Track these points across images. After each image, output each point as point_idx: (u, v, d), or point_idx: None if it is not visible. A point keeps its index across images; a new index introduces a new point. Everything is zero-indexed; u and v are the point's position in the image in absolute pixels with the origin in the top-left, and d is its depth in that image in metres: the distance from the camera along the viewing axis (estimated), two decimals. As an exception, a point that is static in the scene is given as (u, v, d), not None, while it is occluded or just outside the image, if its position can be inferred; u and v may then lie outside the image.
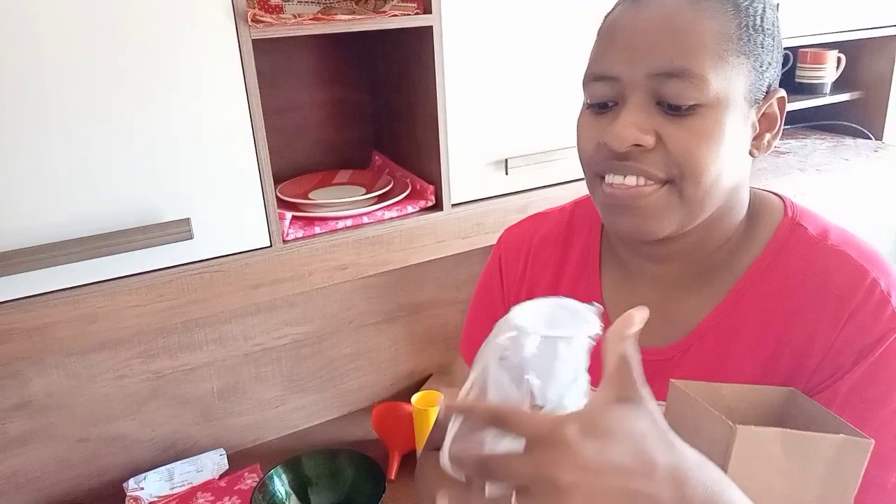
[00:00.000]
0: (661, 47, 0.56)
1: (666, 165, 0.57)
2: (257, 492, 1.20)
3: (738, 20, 0.57)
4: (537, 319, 0.45)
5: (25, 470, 1.25)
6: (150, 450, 1.36)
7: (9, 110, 0.80)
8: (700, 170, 0.57)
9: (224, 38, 0.88)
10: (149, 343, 1.29)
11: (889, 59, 1.73)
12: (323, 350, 1.48)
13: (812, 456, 0.51)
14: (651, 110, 0.57)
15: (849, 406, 0.57)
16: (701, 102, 0.56)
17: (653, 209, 0.59)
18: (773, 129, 0.62)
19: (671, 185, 0.58)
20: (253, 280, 1.01)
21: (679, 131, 0.56)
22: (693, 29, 0.55)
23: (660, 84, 0.56)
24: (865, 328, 0.57)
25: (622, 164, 0.59)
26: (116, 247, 0.88)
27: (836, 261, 0.60)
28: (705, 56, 0.55)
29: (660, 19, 0.56)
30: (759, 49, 0.58)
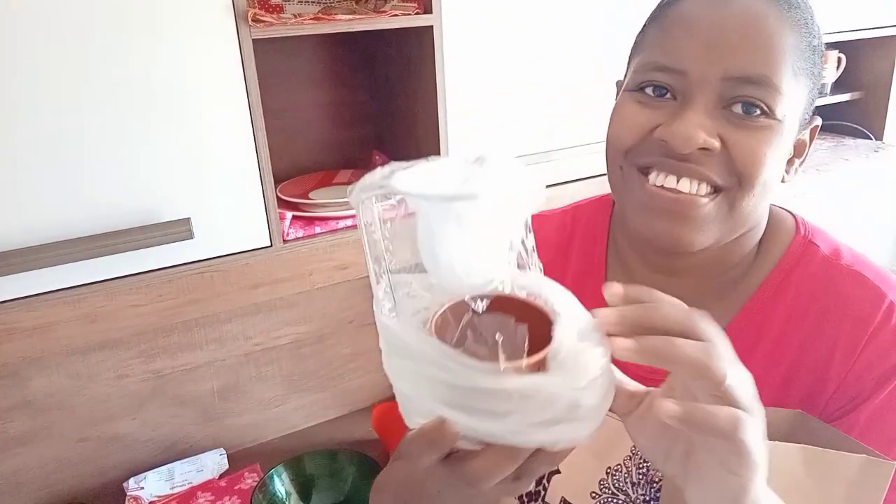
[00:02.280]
0: (744, 50, 0.53)
1: (725, 173, 0.55)
2: (257, 491, 1.20)
3: (809, 39, 0.55)
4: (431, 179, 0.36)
5: (25, 470, 1.25)
6: (150, 450, 1.36)
7: (9, 110, 0.80)
8: (759, 181, 0.55)
9: (224, 38, 0.88)
10: (149, 343, 1.29)
11: (889, 59, 1.73)
12: (323, 350, 1.48)
13: (833, 475, 0.50)
14: (717, 113, 0.54)
15: (869, 432, 0.55)
16: (771, 114, 0.54)
17: (701, 220, 0.56)
18: (801, 155, 0.61)
19: (725, 194, 0.56)
20: (253, 280, 1.01)
21: (746, 139, 0.54)
22: (778, 37, 0.53)
23: (734, 88, 0.53)
24: (885, 353, 0.56)
25: (680, 165, 0.55)
26: (116, 247, 0.88)
27: (851, 283, 0.59)
28: (785, 67, 0.53)
29: (745, 20, 0.53)
30: (818, 71, 0.57)
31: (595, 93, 1.19)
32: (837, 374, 0.57)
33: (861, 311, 0.57)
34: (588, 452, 0.64)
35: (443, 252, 0.37)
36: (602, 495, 0.64)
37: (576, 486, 0.64)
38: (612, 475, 0.64)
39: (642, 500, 0.64)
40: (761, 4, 0.54)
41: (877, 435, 0.55)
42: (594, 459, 0.65)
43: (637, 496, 0.64)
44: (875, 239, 1.90)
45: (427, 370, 0.36)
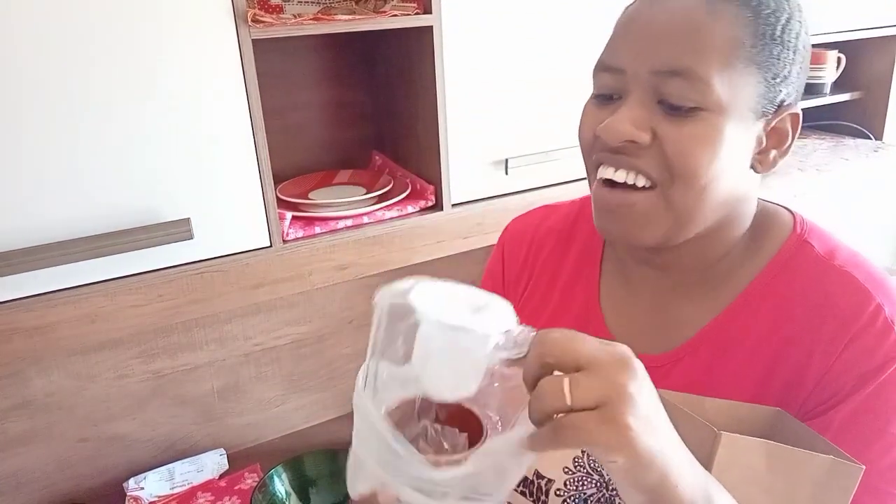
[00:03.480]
0: (668, 44, 0.55)
1: (658, 166, 0.56)
2: (257, 492, 1.20)
3: (754, 28, 0.55)
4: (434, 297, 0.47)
5: (25, 470, 1.25)
6: (150, 450, 1.36)
7: (9, 111, 0.80)
8: (692, 174, 0.55)
9: (224, 38, 0.88)
10: (149, 343, 1.29)
11: (889, 59, 1.73)
12: (323, 350, 1.48)
13: (798, 474, 0.50)
14: (651, 107, 0.56)
15: (845, 433, 0.55)
16: (702, 106, 0.54)
17: (638, 214, 0.58)
18: (781, 146, 0.60)
19: (660, 189, 0.57)
20: (253, 280, 1.01)
21: (676, 132, 0.55)
22: (704, 30, 0.54)
23: (662, 81, 0.55)
24: (866, 354, 0.56)
25: (616, 157, 0.58)
26: (117, 247, 0.88)
27: (840, 282, 0.59)
28: (712, 59, 0.54)
29: (673, 16, 0.55)
30: (774, 60, 0.56)
31: (595, 93, 1.19)
32: (817, 372, 0.57)
33: (846, 312, 0.57)
34: None
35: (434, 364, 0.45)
36: (576, 472, 0.65)
37: (551, 459, 0.65)
38: (587, 454, 0.64)
39: None
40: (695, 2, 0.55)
41: (852, 436, 0.55)
42: None
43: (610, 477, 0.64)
44: (875, 239, 1.90)
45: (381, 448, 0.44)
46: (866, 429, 0.55)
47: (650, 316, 0.67)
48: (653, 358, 0.64)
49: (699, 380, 0.62)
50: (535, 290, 0.77)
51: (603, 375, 0.41)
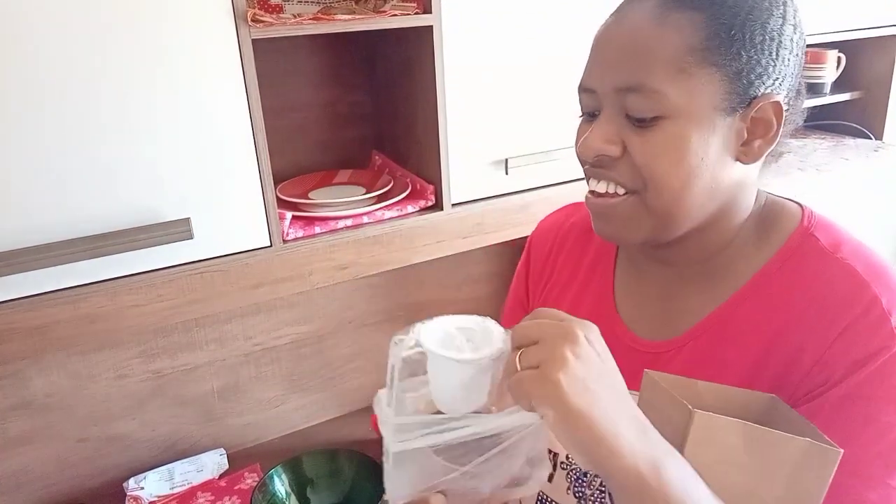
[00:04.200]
0: (623, 62, 0.58)
1: (632, 175, 0.60)
2: (257, 491, 1.20)
3: (707, 30, 0.56)
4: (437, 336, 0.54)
5: (25, 470, 1.25)
6: (150, 449, 1.36)
7: (9, 111, 0.80)
8: (662, 181, 0.59)
9: (224, 38, 0.88)
10: (149, 343, 1.29)
11: (889, 59, 1.73)
12: (323, 350, 1.48)
13: (775, 455, 0.51)
14: (620, 122, 0.60)
15: (835, 419, 0.56)
16: (661, 115, 0.57)
17: (621, 218, 0.62)
18: (766, 135, 0.60)
19: (637, 195, 0.61)
20: (253, 280, 1.01)
21: (642, 143, 0.58)
22: (653, 43, 0.57)
23: (623, 97, 0.58)
24: (860, 342, 0.56)
25: (594, 171, 0.63)
26: (117, 247, 0.88)
27: (840, 273, 0.59)
28: (663, 70, 0.56)
29: (626, 34, 0.59)
30: (735, 57, 0.57)
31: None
32: (810, 359, 0.58)
33: (842, 301, 0.58)
34: None
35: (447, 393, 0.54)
36: None
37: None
38: None
39: None
40: (643, 14, 0.58)
41: (841, 421, 0.56)
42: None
43: None
44: (875, 239, 1.90)
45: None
46: (856, 415, 0.56)
47: (657, 305, 0.70)
48: (658, 344, 0.68)
49: (698, 365, 0.64)
50: (557, 282, 0.81)
51: (548, 345, 0.48)
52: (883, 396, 0.56)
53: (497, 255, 1.60)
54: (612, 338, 0.70)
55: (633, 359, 0.67)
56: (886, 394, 0.56)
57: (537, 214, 1.22)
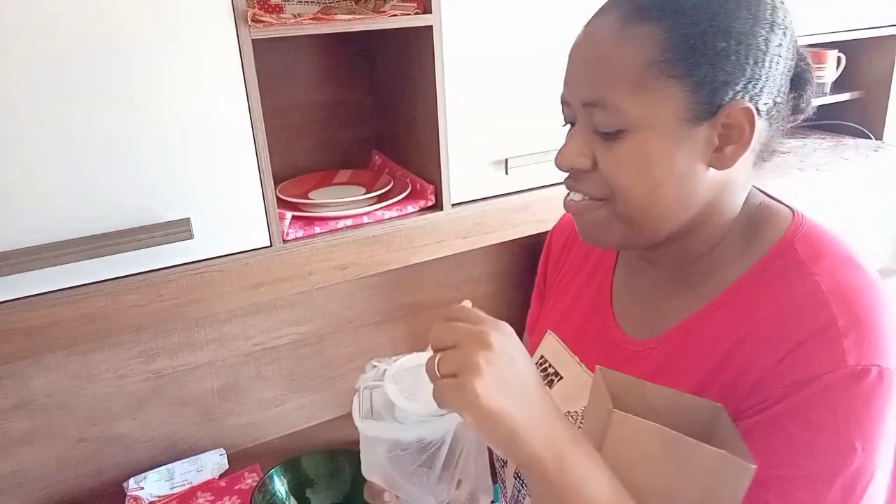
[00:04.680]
0: (586, 77, 0.60)
1: (601, 186, 0.62)
2: (257, 492, 1.20)
3: (667, 42, 0.56)
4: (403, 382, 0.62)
5: (25, 470, 1.25)
6: (150, 450, 1.36)
7: (8, 111, 0.80)
8: (627, 192, 0.60)
9: (224, 38, 0.88)
10: (149, 343, 1.29)
11: (889, 59, 1.73)
12: (323, 350, 1.48)
13: (691, 462, 0.52)
14: (590, 135, 0.61)
15: (769, 437, 0.55)
16: (623, 128, 0.58)
17: (594, 223, 0.65)
18: (738, 140, 0.59)
19: (607, 202, 0.63)
20: (253, 280, 1.01)
21: (608, 156, 0.60)
22: (611, 59, 0.58)
23: (589, 112, 0.60)
24: (806, 362, 0.55)
25: (569, 182, 0.66)
26: (116, 247, 0.88)
27: (804, 289, 0.58)
28: (621, 85, 0.57)
29: (590, 49, 0.61)
30: (695, 67, 0.56)
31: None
32: (757, 374, 0.57)
33: (798, 318, 0.57)
34: (559, 394, 0.75)
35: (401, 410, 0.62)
36: None
37: None
38: (569, 416, 0.71)
39: None
40: (605, 29, 0.59)
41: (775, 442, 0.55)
42: (561, 401, 0.74)
43: None
44: (875, 239, 1.90)
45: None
46: (790, 436, 0.55)
47: (644, 306, 0.72)
48: (637, 342, 0.70)
49: (664, 368, 0.65)
50: (567, 272, 0.85)
51: (462, 351, 0.51)
52: (820, 419, 0.54)
53: (497, 255, 1.60)
54: (603, 333, 0.74)
55: (615, 355, 0.71)
56: (824, 417, 0.54)
57: (537, 214, 1.23)
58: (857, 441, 0.53)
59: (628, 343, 0.70)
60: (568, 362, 0.76)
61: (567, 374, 0.76)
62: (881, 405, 0.54)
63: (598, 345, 0.74)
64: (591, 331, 0.76)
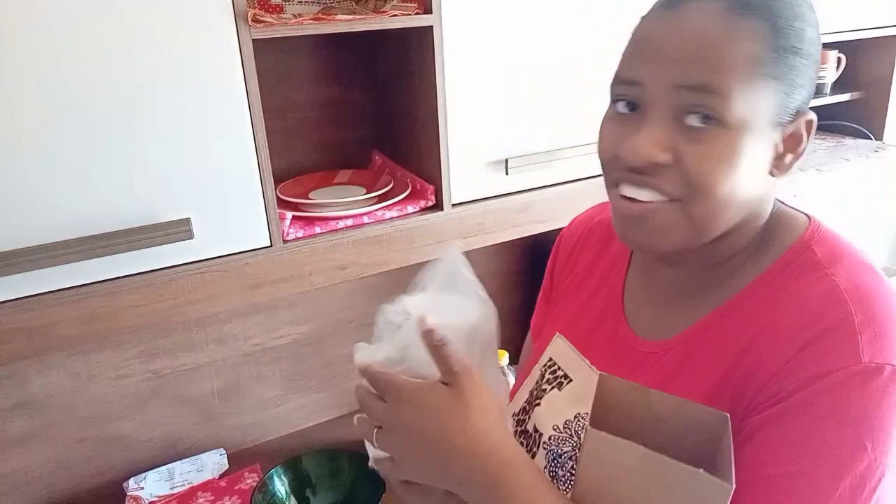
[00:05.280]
0: (689, 59, 0.55)
1: (679, 184, 0.57)
2: (257, 492, 1.20)
3: (773, 42, 0.55)
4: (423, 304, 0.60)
5: (25, 470, 1.25)
6: (150, 450, 1.36)
7: (8, 111, 0.80)
8: (710, 192, 0.57)
9: (224, 38, 0.88)
10: (149, 343, 1.29)
11: (889, 59, 1.73)
12: (323, 350, 1.48)
13: (670, 482, 0.51)
14: (671, 125, 0.57)
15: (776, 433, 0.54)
16: (721, 122, 0.55)
17: (660, 226, 0.60)
18: (796, 150, 0.60)
19: (680, 203, 0.58)
20: (253, 280, 1.01)
21: (695, 151, 0.56)
22: (725, 46, 0.54)
23: (682, 97, 0.55)
24: (820, 357, 0.54)
25: (637, 178, 0.59)
26: (116, 247, 0.88)
27: (822, 288, 0.57)
28: (733, 76, 0.54)
29: (693, 31, 0.55)
30: (792, 72, 0.56)
31: (597, 91, 1.19)
32: (769, 370, 0.56)
33: (814, 314, 0.56)
34: (568, 396, 0.74)
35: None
36: (561, 433, 0.72)
37: (546, 417, 0.74)
38: (577, 419, 0.71)
39: None
40: (710, 16, 0.55)
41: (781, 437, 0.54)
42: (570, 403, 0.72)
43: None
44: (875, 239, 1.90)
45: None
46: (798, 431, 0.54)
47: (659, 308, 0.70)
48: (649, 344, 0.69)
49: (677, 371, 0.64)
50: (577, 276, 0.83)
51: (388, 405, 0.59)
52: (829, 414, 0.53)
53: (497, 255, 1.60)
54: (614, 335, 0.73)
55: (627, 357, 0.70)
56: (834, 412, 0.53)
57: (538, 215, 1.23)
58: (867, 440, 0.52)
59: (640, 345, 0.69)
60: (578, 364, 0.75)
61: (577, 375, 0.75)
62: (894, 405, 0.53)
63: (610, 347, 0.73)
64: (602, 333, 0.75)
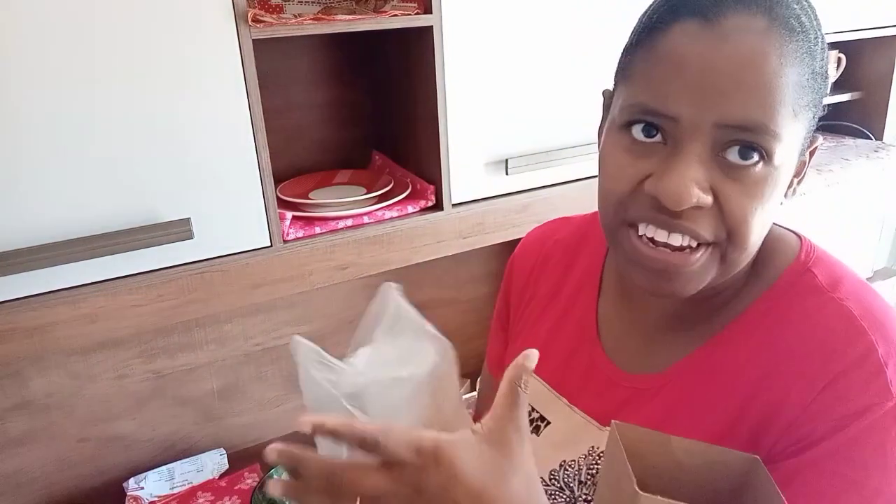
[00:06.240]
0: (739, 96, 0.48)
1: (717, 226, 0.51)
2: (257, 492, 1.20)
3: (811, 66, 0.50)
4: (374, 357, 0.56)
5: (25, 470, 1.25)
6: (150, 450, 1.36)
7: (8, 110, 0.80)
8: (748, 233, 0.51)
9: (224, 38, 0.88)
10: (149, 343, 1.29)
11: (889, 59, 1.73)
12: (323, 350, 1.48)
13: None
14: (709, 163, 0.50)
15: (816, 481, 0.50)
16: (766, 160, 0.50)
17: (691, 274, 0.53)
18: (800, 174, 0.56)
19: (715, 247, 0.53)
20: (253, 280, 1.01)
21: (736, 192, 0.50)
22: (776, 79, 0.48)
23: (727, 135, 0.49)
24: (849, 396, 0.50)
25: (671, 222, 0.51)
26: (116, 247, 0.88)
27: (834, 315, 0.53)
28: (784, 110, 0.48)
29: (741, 61, 0.48)
30: (819, 96, 0.52)
31: (597, 92, 1.19)
32: (793, 409, 0.52)
33: (834, 347, 0.52)
34: (549, 442, 0.66)
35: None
36: (549, 487, 0.65)
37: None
38: (564, 468, 0.64)
39: (584, 499, 0.63)
40: (758, 40, 0.48)
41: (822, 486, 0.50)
42: (552, 449, 0.66)
43: (580, 494, 0.63)
44: (875, 239, 1.90)
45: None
46: (840, 478, 0.50)
47: (646, 337, 0.65)
48: (639, 378, 0.63)
49: (679, 406, 0.59)
50: (538, 303, 0.75)
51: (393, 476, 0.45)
52: (870, 459, 0.50)
53: (497, 255, 1.60)
54: (592, 368, 0.67)
55: (613, 393, 0.63)
56: (874, 456, 0.50)
57: (538, 215, 1.23)
58: None
59: (628, 379, 0.63)
60: (554, 403, 0.68)
61: (554, 417, 0.67)
62: None
63: (589, 381, 0.66)
64: (578, 366, 0.68)
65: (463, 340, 1.62)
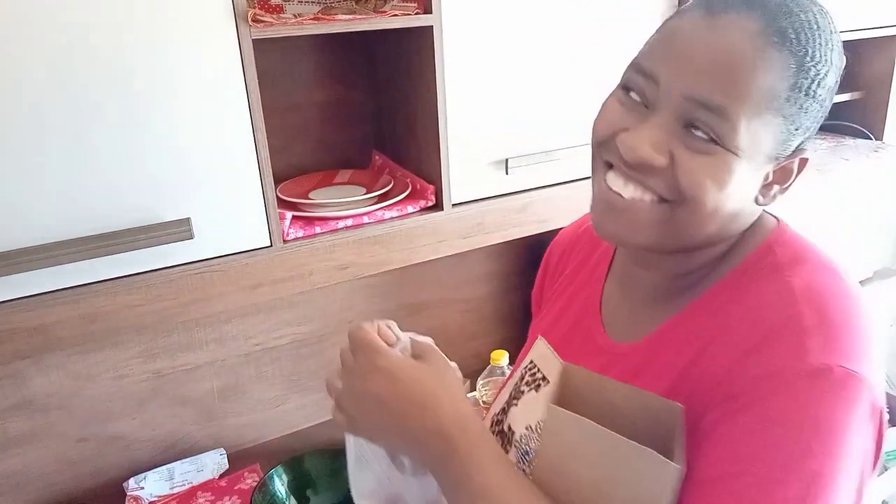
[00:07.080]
0: (709, 75, 0.54)
1: (669, 187, 0.57)
2: (257, 492, 1.20)
3: (794, 80, 0.55)
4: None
5: (25, 470, 1.25)
6: (150, 450, 1.36)
7: (8, 110, 0.80)
8: (699, 204, 0.57)
9: (224, 38, 0.88)
10: (149, 343, 1.29)
11: (889, 59, 1.73)
12: (323, 350, 1.48)
13: (619, 459, 0.52)
14: (673, 130, 0.56)
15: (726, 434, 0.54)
16: (721, 144, 0.55)
17: (639, 222, 0.60)
18: (783, 182, 0.61)
19: (668, 205, 0.59)
20: (253, 280, 1.01)
21: (692, 161, 0.56)
22: (748, 74, 0.53)
23: (692, 109, 0.55)
24: (765, 359, 0.54)
25: (629, 172, 0.59)
26: (117, 247, 0.88)
27: (776, 290, 0.58)
28: (746, 106, 0.54)
29: (723, 48, 0.54)
30: (801, 114, 0.56)
31: (597, 91, 1.19)
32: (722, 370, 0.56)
33: (765, 315, 0.56)
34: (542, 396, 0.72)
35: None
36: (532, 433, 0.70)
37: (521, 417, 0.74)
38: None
39: None
40: (744, 38, 0.54)
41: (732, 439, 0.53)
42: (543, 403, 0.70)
43: None
44: (875, 239, 1.90)
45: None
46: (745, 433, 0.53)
47: (632, 311, 0.72)
48: (619, 346, 0.70)
49: (640, 371, 0.65)
50: (562, 282, 0.85)
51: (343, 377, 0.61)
52: (776, 416, 0.52)
53: (497, 255, 1.60)
54: (589, 338, 0.75)
55: (598, 359, 0.71)
56: (779, 413, 0.52)
57: (538, 214, 1.23)
58: (813, 442, 0.51)
59: (610, 346, 0.71)
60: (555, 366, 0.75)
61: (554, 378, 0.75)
62: (844, 409, 0.52)
63: (583, 349, 0.74)
64: (579, 335, 0.76)
65: (463, 340, 1.62)
